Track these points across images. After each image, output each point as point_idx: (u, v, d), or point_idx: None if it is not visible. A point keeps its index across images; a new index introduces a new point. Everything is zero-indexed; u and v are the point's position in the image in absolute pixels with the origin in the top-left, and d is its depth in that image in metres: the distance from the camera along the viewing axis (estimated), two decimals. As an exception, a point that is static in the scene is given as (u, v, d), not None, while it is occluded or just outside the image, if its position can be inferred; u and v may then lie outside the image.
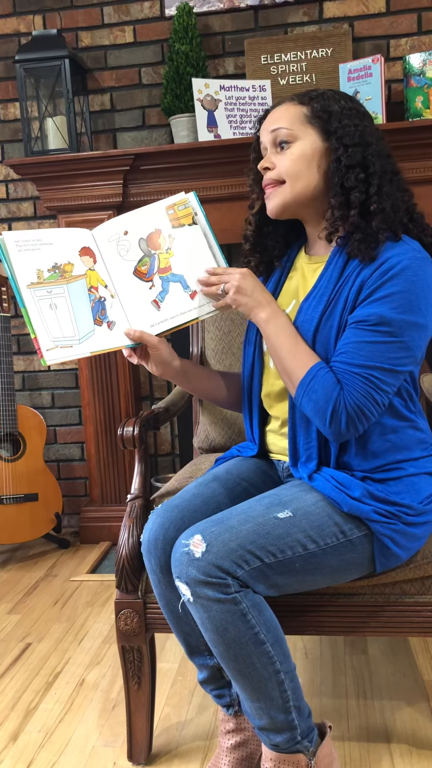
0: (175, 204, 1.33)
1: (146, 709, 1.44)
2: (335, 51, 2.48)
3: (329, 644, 1.88)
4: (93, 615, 2.13)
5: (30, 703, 1.70)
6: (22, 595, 2.30)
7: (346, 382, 1.17)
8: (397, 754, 1.44)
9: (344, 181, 1.22)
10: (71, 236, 1.30)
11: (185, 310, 1.31)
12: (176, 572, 1.17)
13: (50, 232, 1.29)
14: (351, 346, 1.18)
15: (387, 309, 1.16)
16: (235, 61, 2.62)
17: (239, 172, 2.44)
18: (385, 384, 1.17)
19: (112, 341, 1.29)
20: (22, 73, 2.51)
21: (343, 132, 1.23)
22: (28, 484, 2.58)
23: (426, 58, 2.34)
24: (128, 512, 1.44)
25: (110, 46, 2.68)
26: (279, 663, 1.16)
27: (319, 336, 1.23)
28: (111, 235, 1.31)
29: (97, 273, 1.30)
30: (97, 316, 1.29)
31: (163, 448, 2.87)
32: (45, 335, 1.24)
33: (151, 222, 1.32)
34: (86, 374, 2.67)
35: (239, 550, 1.13)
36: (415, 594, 1.31)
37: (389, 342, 1.16)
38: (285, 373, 1.23)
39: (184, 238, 1.32)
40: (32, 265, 1.26)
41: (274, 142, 1.28)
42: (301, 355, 1.21)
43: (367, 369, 1.16)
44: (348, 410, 1.16)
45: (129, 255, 1.31)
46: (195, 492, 1.34)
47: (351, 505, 1.19)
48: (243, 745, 1.34)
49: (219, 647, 1.16)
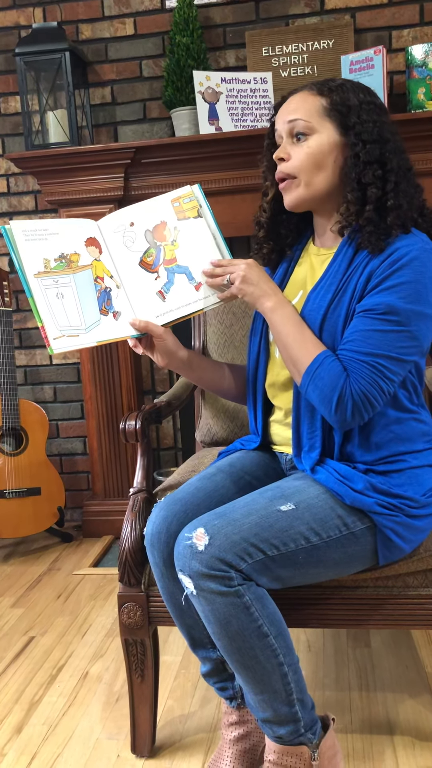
0: (181, 197, 1.34)
1: (149, 702, 1.45)
2: (337, 42, 2.47)
3: (332, 637, 1.88)
4: (96, 608, 2.14)
5: (34, 696, 1.71)
6: (25, 589, 2.31)
7: (352, 369, 1.17)
8: (400, 746, 1.44)
9: (361, 177, 1.21)
10: (77, 227, 1.31)
11: (190, 302, 1.32)
12: (179, 565, 1.17)
13: (57, 222, 1.30)
14: (359, 335, 1.18)
15: (395, 298, 1.16)
16: (237, 54, 2.61)
17: (241, 165, 2.46)
18: (392, 372, 1.17)
19: (118, 331, 1.30)
20: (23, 66, 2.50)
21: (362, 128, 1.21)
22: (30, 478, 2.59)
23: (428, 50, 2.32)
24: (131, 506, 1.44)
25: (111, 38, 2.67)
26: (282, 656, 1.17)
27: (326, 325, 1.23)
28: (117, 227, 1.32)
29: (102, 263, 1.31)
30: (103, 305, 1.30)
31: (166, 441, 2.87)
32: (52, 324, 1.25)
33: (156, 214, 1.33)
34: (88, 368, 2.67)
35: (242, 543, 1.13)
36: (418, 587, 1.31)
37: (397, 331, 1.16)
38: (291, 361, 1.23)
39: (189, 231, 1.33)
40: (39, 255, 1.27)
41: (290, 133, 1.26)
42: (307, 343, 1.21)
43: (375, 357, 1.16)
44: (354, 398, 1.16)
45: (135, 246, 1.32)
46: (198, 485, 1.34)
47: (354, 498, 1.19)
48: (246, 738, 1.34)
49: (222, 640, 1.16)
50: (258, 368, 1.39)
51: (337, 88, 1.25)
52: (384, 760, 1.41)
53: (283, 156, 1.26)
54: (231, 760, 1.32)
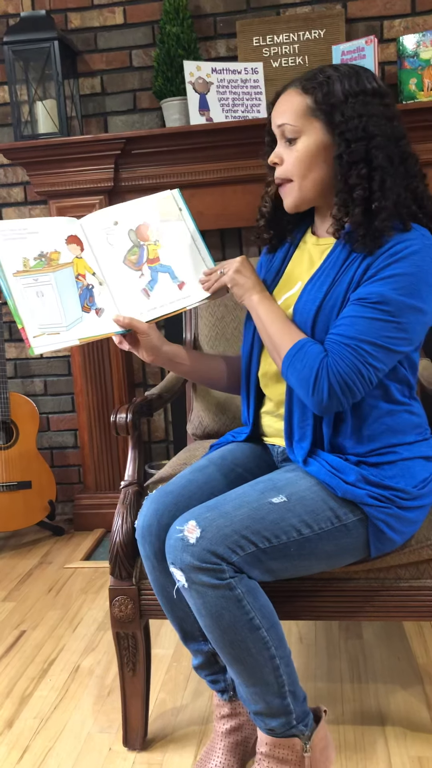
0: (162, 200, 1.37)
1: (141, 695, 1.44)
2: (328, 32, 2.45)
3: (324, 629, 1.88)
4: (87, 602, 2.13)
5: (25, 690, 1.70)
6: (16, 583, 2.30)
7: (333, 351, 1.17)
8: (392, 736, 1.45)
9: (347, 179, 1.20)
10: (58, 225, 1.32)
11: (174, 300, 1.33)
12: (171, 558, 1.17)
13: (36, 221, 1.31)
14: (347, 320, 1.18)
15: (389, 289, 1.16)
16: (227, 43, 2.59)
17: (232, 156, 2.44)
18: (375, 359, 1.16)
19: (101, 328, 1.29)
20: (11, 56, 2.48)
21: (345, 126, 1.19)
22: (21, 472, 2.57)
23: (420, 40, 2.31)
24: (122, 499, 1.43)
25: (100, 27, 2.65)
26: (274, 648, 1.17)
27: (320, 317, 1.22)
28: (101, 224, 1.33)
29: (84, 261, 1.32)
30: (85, 303, 1.30)
31: (157, 434, 2.87)
32: (32, 322, 1.24)
33: (139, 215, 1.35)
34: (79, 361, 2.66)
35: (234, 535, 1.13)
36: (410, 578, 1.31)
37: (386, 321, 1.16)
38: (274, 349, 1.24)
39: (171, 232, 1.35)
40: (18, 254, 1.26)
41: (281, 136, 1.27)
42: (290, 330, 1.23)
43: (358, 341, 1.16)
44: (330, 379, 1.15)
45: (118, 244, 1.33)
46: (190, 478, 1.34)
47: (345, 490, 1.19)
48: (238, 730, 1.34)
49: (214, 633, 1.16)
50: (252, 358, 1.39)
51: (322, 83, 1.22)
52: (376, 750, 1.41)
53: (276, 160, 1.28)
54: (223, 752, 1.32)
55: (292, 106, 1.24)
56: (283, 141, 1.27)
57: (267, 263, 1.42)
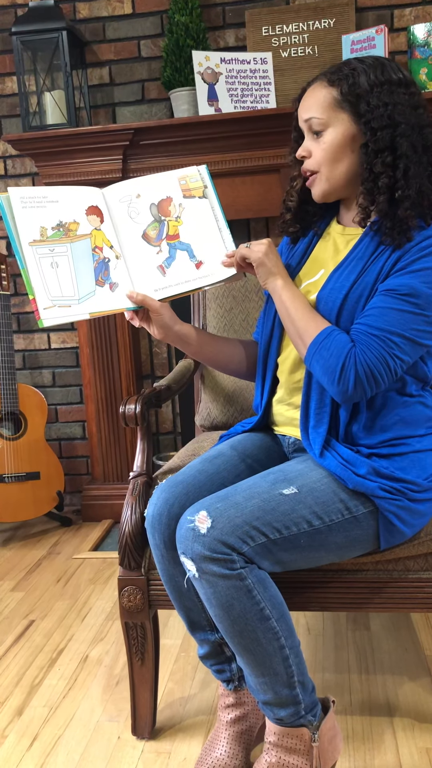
0: (188, 175, 1.34)
1: (150, 685, 1.45)
2: (338, 22, 2.43)
3: (332, 620, 1.88)
4: (96, 592, 2.14)
5: (34, 679, 1.71)
6: (25, 573, 2.31)
7: (361, 341, 1.17)
8: (399, 727, 1.45)
9: (372, 167, 1.21)
10: (79, 194, 1.29)
11: (190, 279, 1.32)
12: (181, 548, 1.17)
13: (58, 189, 1.27)
14: (375, 311, 1.18)
15: (419, 282, 1.17)
16: (236, 33, 2.57)
17: (241, 147, 2.43)
18: (401, 351, 1.17)
19: (113, 303, 1.28)
20: (19, 46, 2.47)
21: (371, 115, 1.20)
22: (29, 463, 2.58)
23: (430, 29, 2.29)
24: (131, 490, 1.43)
25: (108, 17, 2.63)
26: (284, 638, 1.17)
27: (346, 305, 1.22)
28: (123, 196, 1.31)
29: (103, 233, 1.29)
30: (100, 276, 1.28)
31: (165, 426, 2.87)
32: (43, 294, 1.22)
33: (163, 189, 1.33)
34: (87, 352, 2.66)
35: (244, 526, 1.13)
36: (419, 570, 1.31)
37: (415, 313, 1.17)
38: (297, 335, 1.24)
39: (193, 209, 1.33)
40: (36, 223, 1.24)
41: (309, 129, 1.27)
42: (315, 317, 1.23)
43: (386, 333, 1.16)
44: (358, 368, 1.16)
45: (139, 218, 1.31)
46: (200, 468, 1.34)
47: (356, 482, 1.19)
48: (242, 720, 1.35)
49: (224, 623, 1.16)
50: (271, 343, 1.39)
51: (347, 75, 1.23)
52: (383, 741, 1.41)
53: (304, 154, 1.29)
54: (228, 741, 1.33)
55: (318, 100, 1.25)
56: (311, 134, 1.27)
57: (288, 250, 1.42)
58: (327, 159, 1.25)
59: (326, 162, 1.26)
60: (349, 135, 1.23)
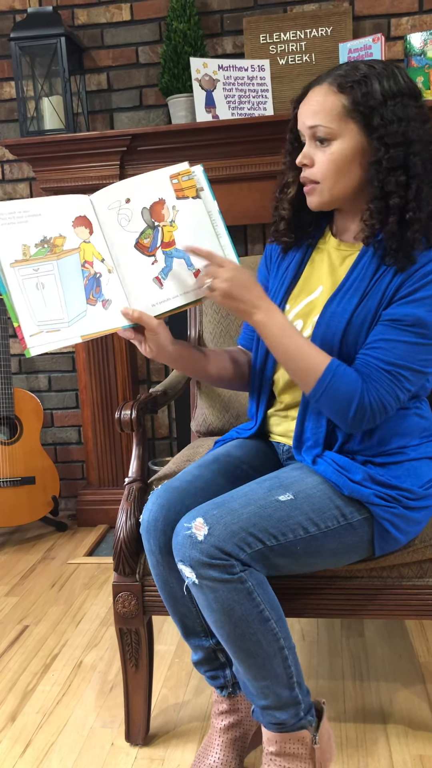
0: (180, 173, 1.23)
1: (144, 691, 1.45)
2: (335, 30, 2.45)
3: (326, 627, 1.88)
4: (90, 597, 2.14)
5: (28, 684, 1.71)
6: (19, 578, 2.31)
7: (372, 378, 1.16)
8: (393, 734, 1.45)
9: (384, 185, 1.15)
10: (65, 205, 1.17)
11: (189, 290, 1.21)
12: (179, 556, 1.17)
13: (40, 201, 1.16)
14: (384, 344, 1.17)
15: (424, 311, 1.15)
16: (234, 41, 2.58)
17: (238, 153, 2.44)
18: (410, 383, 1.18)
19: (107, 322, 1.17)
20: (17, 51, 2.48)
21: (385, 131, 1.14)
22: (25, 468, 2.58)
23: (427, 38, 2.31)
24: (126, 495, 1.43)
25: (107, 24, 2.65)
26: (282, 639, 1.18)
27: (350, 330, 1.20)
28: (111, 203, 1.19)
29: (92, 246, 1.18)
30: (91, 294, 1.17)
31: (161, 431, 2.87)
32: (29, 319, 1.12)
33: (154, 190, 1.21)
34: (83, 357, 2.66)
35: (241, 532, 1.13)
36: (413, 577, 1.31)
37: (422, 344, 1.16)
38: (298, 373, 1.19)
39: (187, 212, 1.22)
40: (17, 241, 1.13)
41: (312, 136, 1.21)
42: (311, 352, 1.18)
43: (397, 368, 1.16)
44: (372, 406, 1.16)
45: (130, 225, 1.20)
46: (196, 473, 1.34)
47: (352, 489, 1.19)
48: (236, 726, 1.35)
49: (225, 627, 1.16)
50: (267, 360, 1.36)
51: (359, 81, 1.15)
52: (377, 748, 1.41)
53: (306, 162, 1.22)
54: (221, 748, 1.33)
55: (325, 106, 1.17)
56: (313, 141, 1.21)
57: (279, 259, 1.38)
58: (332, 171, 1.19)
59: (331, 174, 1.20)
60: (358, 148, 1.17)
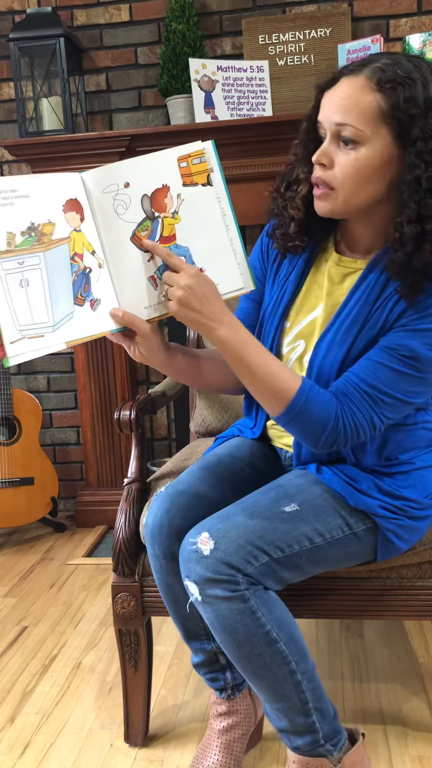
0: (190, 155, 1.06)
1: (143, 692, 1.45)
2: (334, 31, 2.45)
3: (325, 627, 1.88)
4: (89, 598, 2.13)
5: (27, 685, 1.71)
6: (18, 579, 2.30)
7: (351, 397, 1.10)
8: (393, 735, 1.45)
9: (421, 208, 1.02)
10: (55, 185, 1.01)
11: None
12: (185, 572, 1.14)
13: (29, 180, 1.00)
14: (372, 364, 1.10)
15: (420, 344, 1.08)
16: (233, 41, 2.58)
17: (237, 154, 2.44)
18: (390, 410, 1.11)
19: (95, 326, 1.04)
20: (17, 52, 2.47)
21: (425, 146, 1.01)
22: (23, 468, 2.58)
23: (426, 39, 2.31)
24: (125, 496, 1.43)
25: (106, 24, 2.65)
26: (294, 663, 1.12)
27: (348, 358, 1.14)
28: (108, 185, 1.04)
29: (83, 235, 1.03)
30: (79, 292, 1.03)
31: (160, 432, 2.87)
32: (10, 323, 0.98)
33: (158, 175, 1.05)
34: (82, 358, 2.66)
35: (248, 546, 1.10)
36: (413, 578, 1.31)
37: (411, 375, 1.09)
38: (264, 395, 1.09)
39: (194, 202, 1.07)
40: (2, 227, 0.99)
41: (335, 134, 1.06)
42: (281, 373, 1.08)
43: (378, 392, 1.09)
44: (346, 430, 1.10)
45: (128, 214, 1.05)
46: (200, 476, 1.30)
47: (358, 500, 1.17)
48: (234, 728, 1.33)
49: (230, 647, 1.12)
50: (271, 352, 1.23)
51: (403, 83, 1.01)
52: (376, 749, 1.41)
53: (324, 161, 1.08)
54: (219, 750, 1.31)
55: (360, 104, 1.02)
56: (336, 140, 1.07)
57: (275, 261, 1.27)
58: (353, 179, 1.06)
59: (351, 183, 1.06)
60: (386, 158, 1.04)
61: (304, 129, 1.14)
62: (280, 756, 1.41)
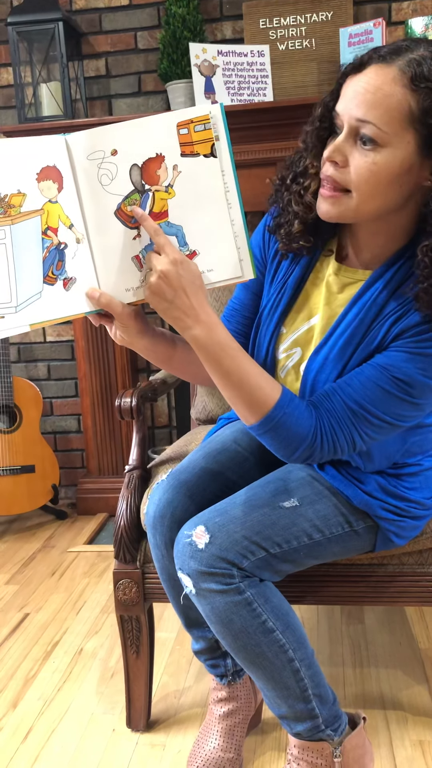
0: (192, 120, 0.93)
1: (145, 678, 1.45)
2: (335, 15, 2.42)
3: (326, 614, 1.89)
4: (91, 585, 2.14)
5: (29, 671, 1.72)
6: (19, 566, 2.31)
7: (335, 413, 1.03)
8: (393, 720, 1.46)
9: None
10: (30, 150, 0.90)
11: None
12: (179, 564, 1.13)
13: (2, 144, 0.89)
14: (363, 382, 1.02)
15: (416, 369, 1.01)
16: (233, 26, 2.56)
17: (237, 140, 2.42)
18: (374, 430, 1.04)
19: (65, 307, 0.94)
20: (15, 37, 2.45)
21: None
22: (24, 456, 2.58)
23: (428, 23, 2.28)
24: (126, 483, 1.43)
25: (105, 8, 2.62)
26: (292, 651, 1.12)
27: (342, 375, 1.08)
28: (93, 151, 0.92)
29: (60, 207, 0.93)
30: (50, 270, 0.93)
31: (160, 420, 2.87)
32: None
33: (152, 142, 0.93)
34: (82, 346, 2.65)
35: (244, 541, 1.10)
36: (414, 564, 1.32)
37: (402, 399, 1.02)
38: (239, 404, 1.02)
39: (192, 174, 0.94)
40: None
41: (354, 131, 0.95)
42: (259, 381, 1.00)
43: (366, 411, 1.02)
44: (323, 447, 1.04)
45: (114, 186, 0.93)
46: (203, 466, 1.28)
47: (361, 500, 1.15)
48: (235, 713, 1.34)
49: (227, 639, 1.12)
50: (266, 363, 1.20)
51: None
52: (377, 734, 1.42)
53: (337, 159, 0.97)
54: (220, 735, 1.32)
55: (387, 101, 0.91)
56: (353, 136, 0.96)
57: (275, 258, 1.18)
58: (369, 185, 0.95)
59: (367, 188, 0.96)
60: (407, 166, 0.94)
61: (317, 115, 1.02)
62: (281, 741, 1.42)
